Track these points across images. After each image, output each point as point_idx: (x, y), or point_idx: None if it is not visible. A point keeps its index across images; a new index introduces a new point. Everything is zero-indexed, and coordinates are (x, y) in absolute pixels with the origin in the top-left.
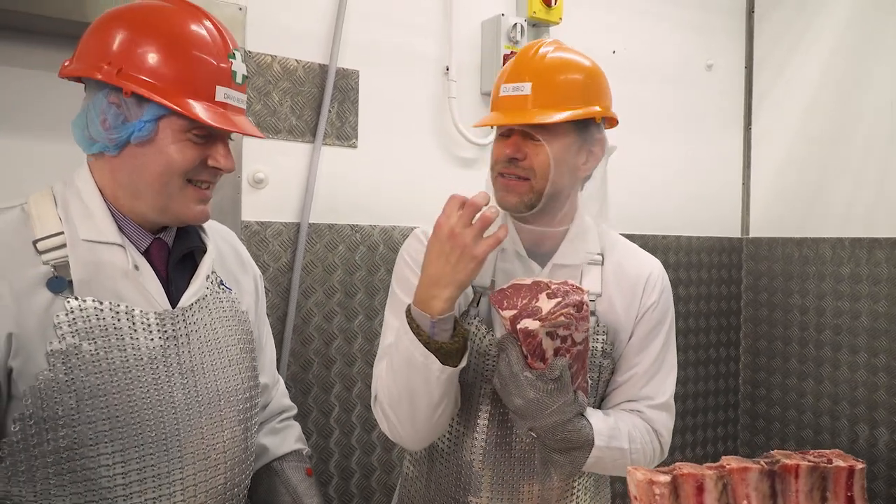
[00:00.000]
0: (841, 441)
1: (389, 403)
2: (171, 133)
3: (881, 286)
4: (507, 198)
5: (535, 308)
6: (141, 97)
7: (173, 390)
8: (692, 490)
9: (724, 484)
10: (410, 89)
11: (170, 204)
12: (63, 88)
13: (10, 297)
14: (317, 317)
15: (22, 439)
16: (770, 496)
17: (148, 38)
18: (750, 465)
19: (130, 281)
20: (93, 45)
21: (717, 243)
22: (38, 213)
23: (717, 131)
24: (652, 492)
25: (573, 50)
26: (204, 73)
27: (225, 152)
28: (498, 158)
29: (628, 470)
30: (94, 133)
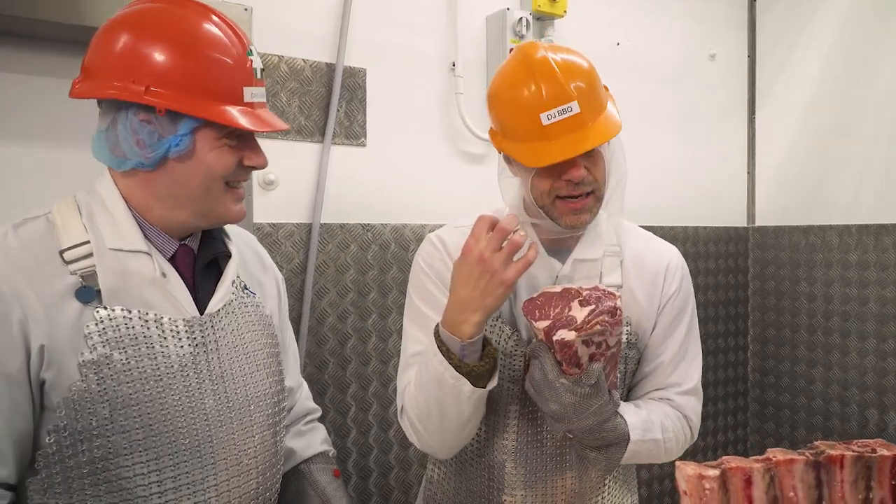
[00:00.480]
0: (851, 426)
1: (418, 417)
2: (207, 142)
3: (889, 272)
4: (582, 218)
5: (570, 318)
6: (174, 111)
7: (204, 397)
8: (741, 483)
9: (770, 476)
10: (417, 86)
11: (212, 208)
12: (57, 93)
13: (40, 309)
14: (331, 317)
15: (57, 451)
16: (815, 487)
17: (170, 49)
18: (796, 456)
19: (158, 288)
20: (109, 61)
21: (723, 233)
22: (63, 222)
23: (721, 121)
24: (702, 486)
25: (564, 48)
26: (230, 77)
27: (258, 150)
28: (556, 185)
29: (677, 465)
30: (127, 152)
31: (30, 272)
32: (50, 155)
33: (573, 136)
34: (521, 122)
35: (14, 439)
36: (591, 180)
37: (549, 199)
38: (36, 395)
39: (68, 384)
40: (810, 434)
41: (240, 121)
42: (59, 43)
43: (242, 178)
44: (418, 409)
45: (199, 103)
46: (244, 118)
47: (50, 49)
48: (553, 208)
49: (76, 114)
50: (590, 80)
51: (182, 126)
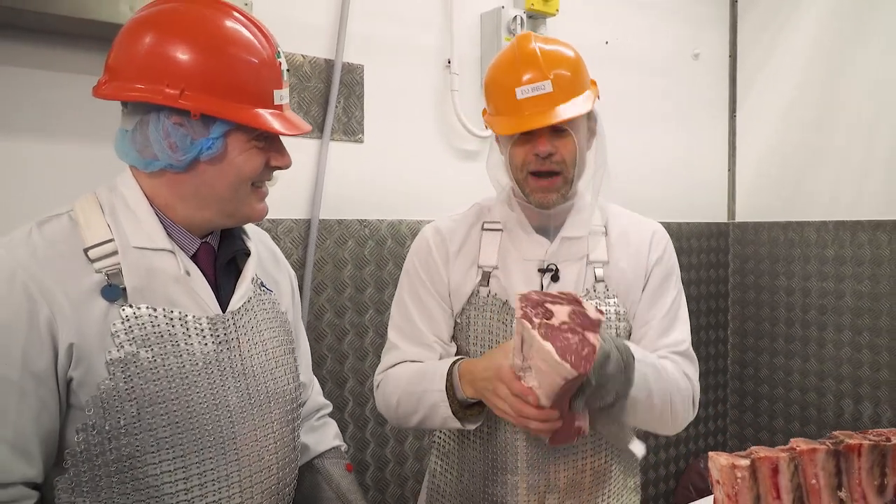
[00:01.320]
0: (827, 416)
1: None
2: (238, 144)
3: (864, 267)
4: (549, 197)
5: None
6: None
7: (228, 394)
8: (768, 472)
9: (795, 465)
10: (413, 83)
11: (238, 208)
12: (60, 88)
13: (69, 307)
14: (329, 313)
15: (85, 449)
16: (835, 474)
17: (202, 52)
18: (817, 446)
19: (182, 286)
20: (138, 62)
21: (704, 229)
22: (86, 220)
23: (703, 119)
24: (734, 475)
25: (554, 40)
26: (261, 80)
27: (283, 151)
28: (527, 159)
29: (711, 456)
30: (158, 154)
31: (56, 270)
32: (61, 151)
33: (543, 112)
34: (501, 97)
35: (41, 438)
36: (559, 160)
37: (523, 173)
38: (63, 394)
39: (97, 382)
40: (788, 424)
41: (273, 125)
42: (65, 37)
43: (268, 178)
44: (402, 411)
45: (232, 107)
46: (276, 122)
47: (59, 44)
48: (526, 184)
49: (83, 109)
50: (571, 68)
51: (214, 129)
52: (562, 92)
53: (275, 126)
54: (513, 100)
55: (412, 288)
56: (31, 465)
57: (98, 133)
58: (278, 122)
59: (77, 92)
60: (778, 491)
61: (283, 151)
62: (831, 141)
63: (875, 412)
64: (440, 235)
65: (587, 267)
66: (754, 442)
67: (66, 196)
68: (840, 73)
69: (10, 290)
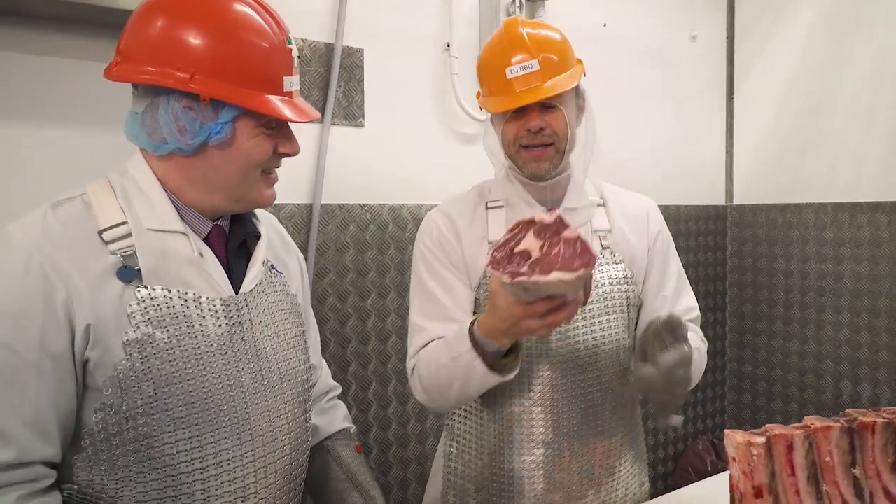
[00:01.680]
0: (826, 398)
1: (437, 389)
2: (246, 130)
3: (863, 248)
4: (541, 166)
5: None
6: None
7: (241, 375)
8: (783, 449)
9: (809, 443)
10: (413, 67)
11: (247, 193)
12: (66, 75)
13: (86, 288)
14: (331, 297)
15: (103, 429)
16: (849, 451)
17: (213, 37)
18: (832, 423)
19: (195, 268)
20: (149, 45)
21: (702, 211)
22: (99, 203)
23: (701, 102)
24: (750, 452)
25: (541, 23)
26: (271, 66)
27: (291, 137)
28: (519, 134)
29: (727, 434)
30: (168, 137)
31: (72, 252)
32: (62, 137)
33: (531, 89)
34: (492, 77)
35: (59, 419)
36: (549, 133)
37: (515, 147)
38: (79, 375)
39: (113, 363)
40: (786, 406)
41: (283, 111)
42: (64, 22)
43: (277, 165)
44: (438, 386)
45: (241, 92)
46: (286, 108)
47: (60, 29)
48: (518, 157)
49: (87, 96)
50: (557, 48)
51: (223, 114)
52: (549, 70)
53: (284, 112)
54: (503, 79)
55: (429, 267)
56: (50, 445)
57: (102, 119)
58: (288, 108)
59: (82, 78)
60: (793, 468)
61: (292, 138)
62: (829, 122)
63: (874, 393)
64: (447, 216)
65: (592, 235)
66: (752, 424)
67: (71, 182)
68: (839, 55)
69: (27, 273)
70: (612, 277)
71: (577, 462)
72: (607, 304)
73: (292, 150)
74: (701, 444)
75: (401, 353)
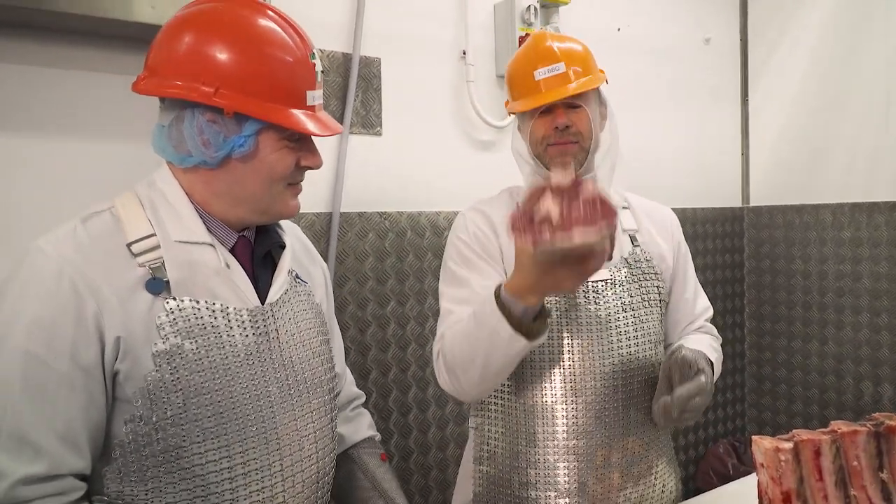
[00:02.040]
0: (847, 399)
1: (460, 365)
2: (270, 143)
3: (881, 248)
4: (566, 160)
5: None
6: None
7: (269, 385)
8: (811, 454)
9: (836, 447)
10: (429, 75)
11: (271, 206)
12: (88, 87)
13: (116, 301)
14: (351, 305)
15: (133, 440)
16: (876, 455)
17: (237, 52)
18: (858, 428)
19: (222, 279)
20: (176, 59)
21: (719, 213)
22: (128, 216)
23: (715, 104)
24: (778, 458)
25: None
26: (295, 80)
27: (314, 151)
28: (546, 133)
29: (754, 440)
30: (192, 150)
31: (102, 265)
32: (80, 149)
33: (558, 89)
34: (521, 81)
35: (90, 431)
36: (575, 131)
37: (542, 146)
38: (109, 387)
39: (143, 374)
40: (807, 408)
41: (307, 125)
42: (80, 35)
43: (300, 178)
44: (462, 358)
45: (265, 106)
46: (309, 122)
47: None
48: (545, 155)
49: (114, 107)
50: (582, 58)
51: (247, 127)
52: (574, 72)
53: (307, 126)
54: (532, 81)
55: (462, 257)
56: (81, 458)
57: (125, 132)
58: (311, 122)
59: (104, 91)
60: (820, 473)
61: (315, 151)
62: (844, 123)
63: (895, 394)
64: (482, 213)
65: (622, 234)
66: (773, 426)
67: (97, 194)
68: (852, 55)
69: (58, 286)
70: (646, 273)
71: (615, 455)
72: (644, 297)
73: (315, 163)
74: (722, 447)
75: (420, 360)
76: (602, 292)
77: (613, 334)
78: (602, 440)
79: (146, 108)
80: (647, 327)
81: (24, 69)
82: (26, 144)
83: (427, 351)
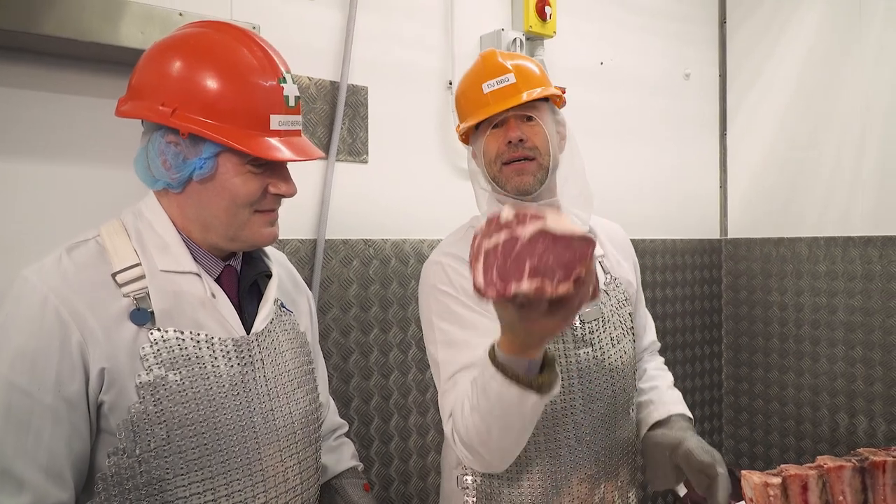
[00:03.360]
0: (822, 430)
1: (478, 441)
2: (231, 167)
3: (856, 282)
4: (524, 179)
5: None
6: (198, 136)
7: (253, 416)
8: (798, 489)
9: (823, 482)
10: (416, 104)
11: (239, 232)
12: (75, 112)
13: (100, 331)
14: (334, 332)
15: (116, 473)
16: (861, 490)
17: (199, 74)
18: (844, 463)
19: (207, 309)
20: (145, 82)
21: (697, 245)
22: (113, 245)
23: (695, 137)
24: (767, 493)
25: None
26: (258, 104)
27: (286, 178)
28: (500, 149)
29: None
30: (155, 172)
31: (87, 295)
32: (83, 172)
33: (509, 99)
34: (470, 99)
35: (73, 463)
36: (530, 146)
37: (497, 166)
38: (93, 418)
39: (127, 406)
40: (783, 438)
41: (259, 149)
42: (83, 61)
43: (270, 206)
44: (477, 433)
45: (222, 128)
46: (264, 145)
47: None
48: (501, 175)
49: (100, 132)
50: (531, 73)
51: (205, 150)
52: (525, 82)
53: (259, 150)
54: (480, 96)
55: (445, 311)
56: (65, 490)
57: (112, 157)
58: (267, 146)
59: (91, 115)
60: None
61: (286, 179)
62: (821, 158)
63: (870, 426)
64: (453, 257)
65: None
66: (749, 457)
67: (85, 218)
68: (828, 91)
69: (43, 316)
70: (620, 301)
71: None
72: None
73: (285, 191)
74: None
75: (402, 388)
76: (596, 332)
77: (606, 372)
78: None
79: (133, 132)
80: (629, 358)
81: (12, 92)
82: (12, 168)
83: (409, 379)
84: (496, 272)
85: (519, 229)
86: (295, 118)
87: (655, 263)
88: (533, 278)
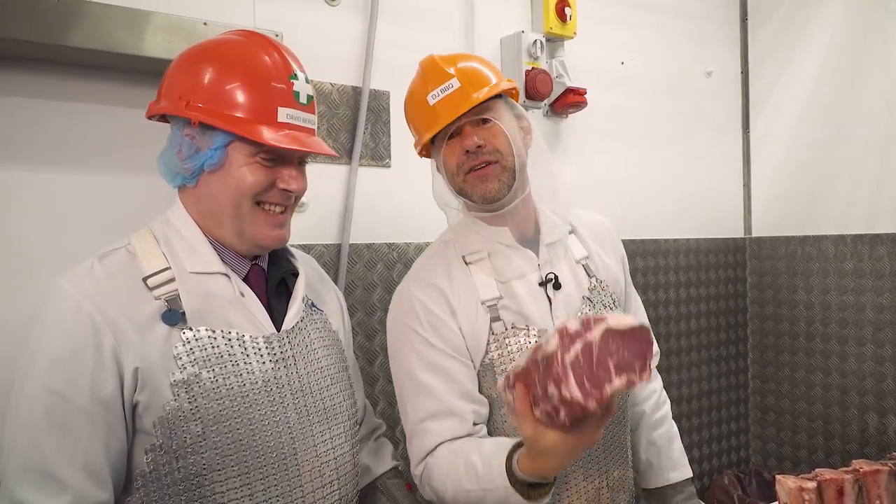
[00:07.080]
0: (851, 430)
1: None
2: (240, 157)
3: (884, 280)
4: (488, 186)
5: None
6: (209, 126)
7: (287, 411)
8: (833, 493)
9: (859, 486)
10: None
11: (244, 228)
12: (98, 120)
13: (133, 333)
14: (359, 336)
15: (154, 469)
16: None
17: (209, 68)
18: (880, 467)
19: (237, 308)
20: (167, 83)
21: (721, 244)
22: (143, 251)
23: (717, 136)
24: (802, 497)
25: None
26: (266, 97)
27: (295, 174)
28: (459, 159)
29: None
30: (172, 165)
31: (120, 299)
32: (110, 181)
33: (456, 108)
34: (418, 114)
35: (111, 463)
36: (490, 150)
37: (461, 177)
38: (129, 419)
39: (162, 404)
40: (811, 439)
41: (265, 136)
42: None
43: (276, 200)
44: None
45: (229, 118)
46: (270, 135)
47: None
48: (466, 185)
49: (125, 139)
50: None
51: (216, 140)
52: (471, 84)
53: (265, 137)
54: (427, 109)
55: (420, 356)
56: (104, 489)
57: (138, 164)
58: (272, 135)
59: (114, 122)
60: None
61: (296, 176)
62: (846, 154)
63: None
64: (433, 288)
65: (575, 266)
66: (777, 457)
67: (106, 226)
68: (852, 87)
69: (77, 321)
70: (607, 306)
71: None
72: None
73: (294, 187)
74: (727, 478)
75: None
76: None
77: None
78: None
79: (159, 139)
80: None
81: (41, 103)
82: (41, 178)
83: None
84: (587, 382)
85: (588, 335)
86: (306, 115)
87: (679, 263)
88: (620, 375)
